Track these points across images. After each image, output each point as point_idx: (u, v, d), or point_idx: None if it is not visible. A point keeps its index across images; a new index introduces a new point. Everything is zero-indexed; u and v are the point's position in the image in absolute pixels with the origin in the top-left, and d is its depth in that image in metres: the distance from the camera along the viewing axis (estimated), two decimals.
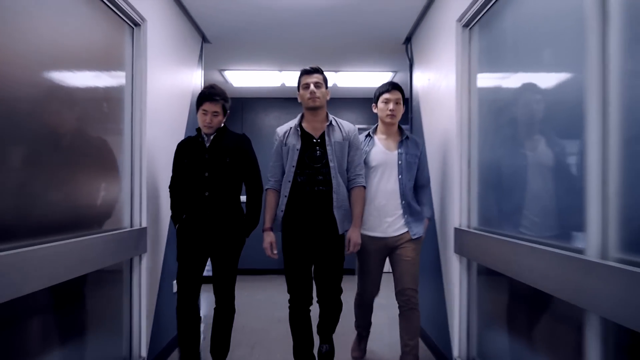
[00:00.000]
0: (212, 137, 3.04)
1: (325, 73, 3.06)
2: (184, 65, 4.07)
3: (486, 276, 2.90)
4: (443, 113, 3.46)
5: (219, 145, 3.04)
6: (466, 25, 3.10)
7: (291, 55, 5.14)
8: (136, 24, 3.07)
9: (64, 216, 2.31)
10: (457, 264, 3.13)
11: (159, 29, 3.38)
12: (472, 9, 2.93)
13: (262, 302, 5.51)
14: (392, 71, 5.73)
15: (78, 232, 2.39)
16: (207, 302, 5.10)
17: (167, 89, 3.57)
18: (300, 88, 3.01)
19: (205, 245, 3.02)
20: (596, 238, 1.66)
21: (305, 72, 3.00)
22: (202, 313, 3.85)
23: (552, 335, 2.10)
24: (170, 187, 3.15)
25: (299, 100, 3.04)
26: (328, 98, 3.02)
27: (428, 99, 3.95)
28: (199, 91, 3.20)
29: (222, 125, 3.10)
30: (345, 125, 3.03)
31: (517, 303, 2.52)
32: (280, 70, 5.76)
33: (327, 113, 3.05)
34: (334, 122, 3.00)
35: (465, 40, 3.13)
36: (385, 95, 3.17)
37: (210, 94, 3.03)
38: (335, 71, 5.73)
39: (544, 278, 1.96)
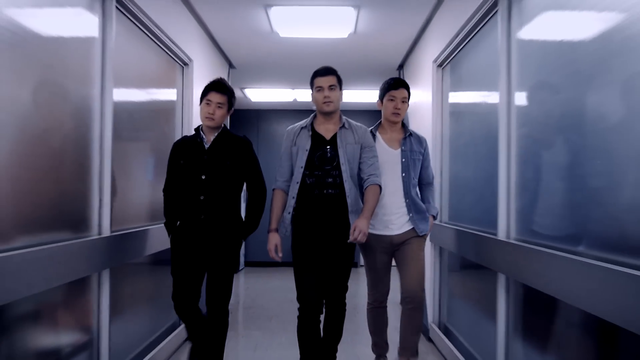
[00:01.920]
0: (212, 138, 2.82)
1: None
2: None
3: (453, 261, 3.80)
4: (423, 131, 4.35)
5: (219, 147, 2.81)
6: (440, 65, 4.01)
7: (301, 77, 6.02)
8: (185, 64, 4.01)
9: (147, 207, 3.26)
10: (432, 250, 4.04)
11: (201, 64, 4.33)
12: (443, 54, 3.83)
13: (275, 287, 6.43)
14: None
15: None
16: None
17: None
18: (314, 90, 2.84)
19: (200, 256, 2.79)
20: (503, 225, 2.56)
21: (318, 74, 2.83)
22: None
23: (483, 294, 3.01)
24: (164, 190, 2.93)
25: (312, 102, 2.89)
26: (342, 100, 2.87)
27: (415, 118, 4.86)
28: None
29: (223, 125, 2.89)
30: (358, 128, 2.90)
31: (466, 279, 3.43)
32: (292, 89, 6.69)
33: (340, 115, 2.89)
34: (347, 125, 2.86)
35: (439, 77, 4.04)
36: (392, 93, 3.04)
37: (217, 84, 2.83)
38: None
39: (476, 254, 2.88)
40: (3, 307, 1.82)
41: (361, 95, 6.91)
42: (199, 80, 4.28)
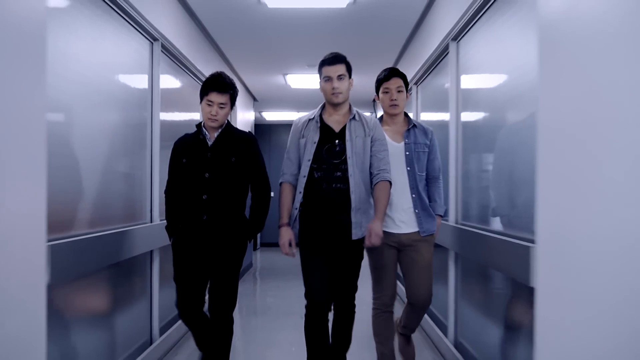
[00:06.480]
0: (216, 135, 2.69)
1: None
2: (246, 111, 7.47)
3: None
4: None
5: (223, 144, 2.69)
6: (415, 84, 4.99)
7: (305, 105, 8.37)
8: None
9: None
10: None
11: (239, 101, 6.57)
12: (416, 77, 4.88)
13: (290, 259, 8.47)
14: (369, 112, 8.96)
15: None
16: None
17: (241, 121, 6.82)
18: (322, 79, 2.70)
19: (203, 260, 2.68)
20: (453, 213, 3.44)
21: (326, 63, 2.68)
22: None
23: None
24: (166, 192, 2.81)
25: (320, 91, 2.74)
26: (352, 88, 2.74)
27: None
28: (254, 122, 5.65)
29: (227, 121, 2.75)
30: (369, 119, 2.77)
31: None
32: (297, 111, 9.01)
33: (350, 106, 2.77)
34: (357, 117, 2.73)
35: (415, 94, 5.07)
36: (386, 85, 2.92)
37: (218, 83, 2.66)
38: None
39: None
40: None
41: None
42: (237, 107, 6.59)
